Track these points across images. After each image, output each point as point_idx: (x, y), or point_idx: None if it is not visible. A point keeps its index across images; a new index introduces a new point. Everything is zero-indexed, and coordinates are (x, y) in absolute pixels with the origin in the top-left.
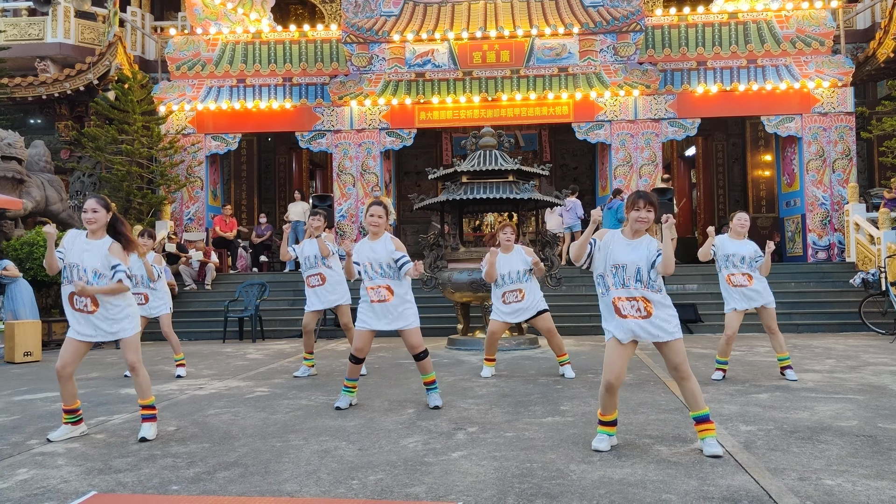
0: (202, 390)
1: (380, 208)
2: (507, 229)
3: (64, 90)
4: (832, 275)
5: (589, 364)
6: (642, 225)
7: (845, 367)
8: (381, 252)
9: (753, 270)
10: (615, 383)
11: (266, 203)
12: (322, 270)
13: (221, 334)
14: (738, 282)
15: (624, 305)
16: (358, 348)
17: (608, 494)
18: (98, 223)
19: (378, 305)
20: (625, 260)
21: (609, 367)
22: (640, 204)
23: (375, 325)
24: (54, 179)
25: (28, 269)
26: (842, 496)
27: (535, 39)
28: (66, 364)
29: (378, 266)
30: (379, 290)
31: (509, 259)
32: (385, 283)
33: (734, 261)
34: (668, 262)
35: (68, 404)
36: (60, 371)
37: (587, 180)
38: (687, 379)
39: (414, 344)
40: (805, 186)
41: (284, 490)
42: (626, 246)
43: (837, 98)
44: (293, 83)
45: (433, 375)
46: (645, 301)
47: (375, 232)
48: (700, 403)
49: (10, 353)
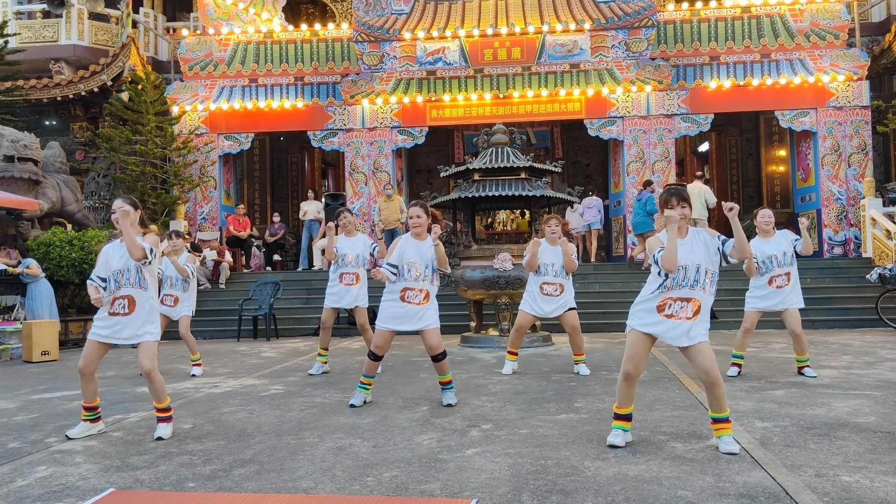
0: (217, 388)
1: (419, 209)
2: (552, 221)
3: (78, 91)
4: (848, 270)
5: (604, 361)
6: (684, 222)
7: (862, 363)
8: (428, 254)
9: (793, 266)
10: (634, 374)
11: (279, 202)
12: (360, 271)
13: (236, 333)
14: (781, 283)
15: (673, 305)
16: (378, 346)
17: (623, 491)
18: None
19: (413, 308)
20: (686, 261)
21: (630, 357)
22: (674, 202)
23: (397, 326)
24: (70, 180)
25: (45, 268)
26: (860, 493)
27: (547, 36)
28: (88, 363)
29: (425, 268)
30: (418, 294)
31: (554, 251)
32: (426, 287)
33: (776, 261)
34: (742, 246)
35: (89, 402)
36: (83, 370)
37: (600, 177)
38: (717, 384)
39: (433, 344)
40: (820, 181)
41: (300, 487)
42: (682, 247)
43: (853, 92)
44: (305, 82)
45: (450, 376)
46: (697, 305)
47: (418, 233)
48: (724, 407)
49: (27, 352)
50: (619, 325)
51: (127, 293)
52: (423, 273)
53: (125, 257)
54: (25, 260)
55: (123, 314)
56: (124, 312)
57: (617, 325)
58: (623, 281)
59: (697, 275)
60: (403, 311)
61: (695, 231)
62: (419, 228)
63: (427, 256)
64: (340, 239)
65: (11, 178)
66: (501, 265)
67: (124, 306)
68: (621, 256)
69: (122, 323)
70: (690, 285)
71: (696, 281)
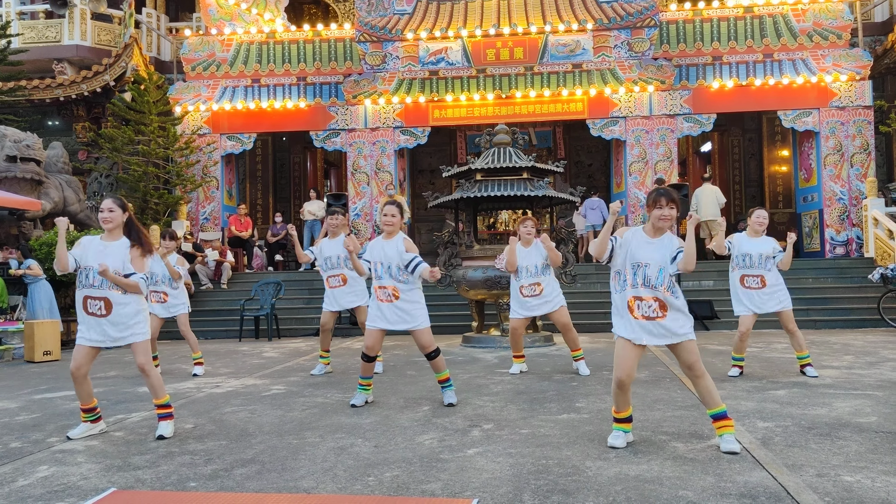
0: (219, 388)
1: (394, 207)
2: (527, 222)
3: (81, 92)
4: (850, 270)
5: (604, 361)
6: (665, 223)
7: (864, 363)
8: (391, 253)
9: (769, 270)
10: (626, 381)
11: (281, 202)
12: (344, 272)
13: (237, 333)
14: (751, 284)
15: (639, 305)
16: (368, 346)
17: (624, 491)
18: (114, 222)
19: (385, 305)
20: (647, 259)
21: (619, 365)
22: (663, 202)
23: (383, 325)
24: (72, 180)
25: (47, 269)
26: (861, 492)
27: (549, 36)
28: (79, 366)
29: (388, 267)
30: (385, 290)
31: (529, 253)
32: (392, 283)
33: (750, 261)
34: (690, 259)
35: (85, 403)
36: (75, 373)
37: (602, 177)
38: (701, 377)
39: (424, 344)
40: (823, 181)
41: (301, 487)
42: (648, 244)
43: (855, 92)
44: (307, 82)
45: (447, 373)
46: (661, 302)
47: (390, 231)
48: (716, 400)
49: (29, 352)
50: None
51: (103, 295)
52: (391, 271)
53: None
54: (27, 261)
55: (100, 315)
56: (101, 314)
57: None
58: None
59: (660, 274)
60: (382, 309)
61: (670, 237)
62: (391, 227)
63: (391, 255)
64: (324, 242)
65: (14, 179)
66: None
67: (100, 308)
68: None
69: (102, 324)
70: (653, 283)
71: (659, 280)
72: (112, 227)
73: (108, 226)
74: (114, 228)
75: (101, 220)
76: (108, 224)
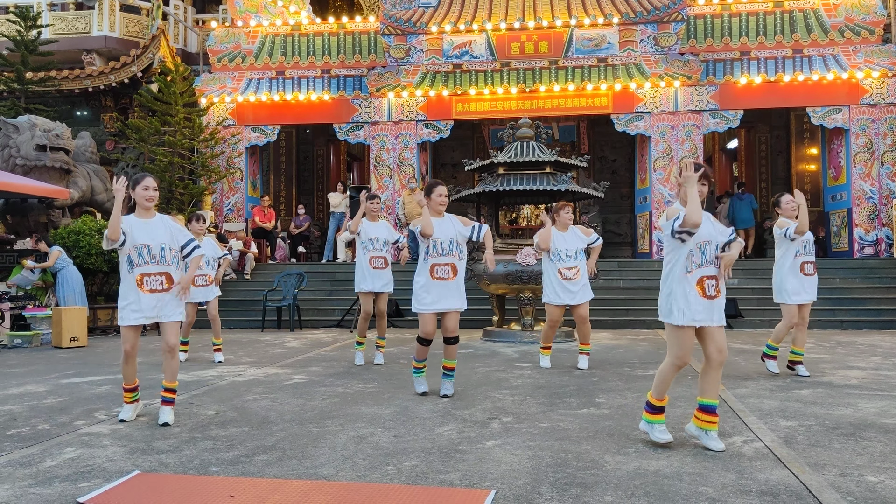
0: (241, 377)
1: (444, 188)
2: (567, 208)
3: (109, 82)
4: (879, 271)
5: (626, 358)
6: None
7: (891, 364)
8: (448, 229)
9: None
10: (687, 362)
11: (304, 194)
12: (387, 255)
13: (260, 323)
14: (809, 271)
15: (709, 284)
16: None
17: (643, 486)
18: (156, 200)
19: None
20: (708, 236)
21: (682, 346)
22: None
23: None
24: (99, 170)
25: (74, 256)
26: (885, 493)
27: (574, 30)
28: (134, 345)
29: (450, 241)
30: (445, 268)
31: (566, 237)
32: (452, 260)
33: (809, 247)
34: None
35: (129, 383)
36: (130, 352)
37: (626, 172)
38: (722, 365)
39: (454, 327)
40: (852, 180)
41: (321, 474)
42: (707, 221)
43: (887, 89)
44: (331, 75)
45: (455, 363)
46: (717, 280)
47: (440, 212)
48: (716, 392)
49: (57, 338)
50: (643, 322)
51: (164, 270)
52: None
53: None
54: (53, 248)
55: (161, 290)
56: (163, 289)
57: (641, 322)
58: (648, 278)
59: (715, 250)
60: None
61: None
62: (442, 207)
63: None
64: (366, 223)
65: (44, 167)
66: (525, 260)
67: (162, 282)
68: (646, 253)
69: (161, 299)
70: (713, 261)
71: (714, 256)
72: (153, 206)
73: (150, 203)
74: (152, 207)
75: (145, 197)
76: (151, 202)
